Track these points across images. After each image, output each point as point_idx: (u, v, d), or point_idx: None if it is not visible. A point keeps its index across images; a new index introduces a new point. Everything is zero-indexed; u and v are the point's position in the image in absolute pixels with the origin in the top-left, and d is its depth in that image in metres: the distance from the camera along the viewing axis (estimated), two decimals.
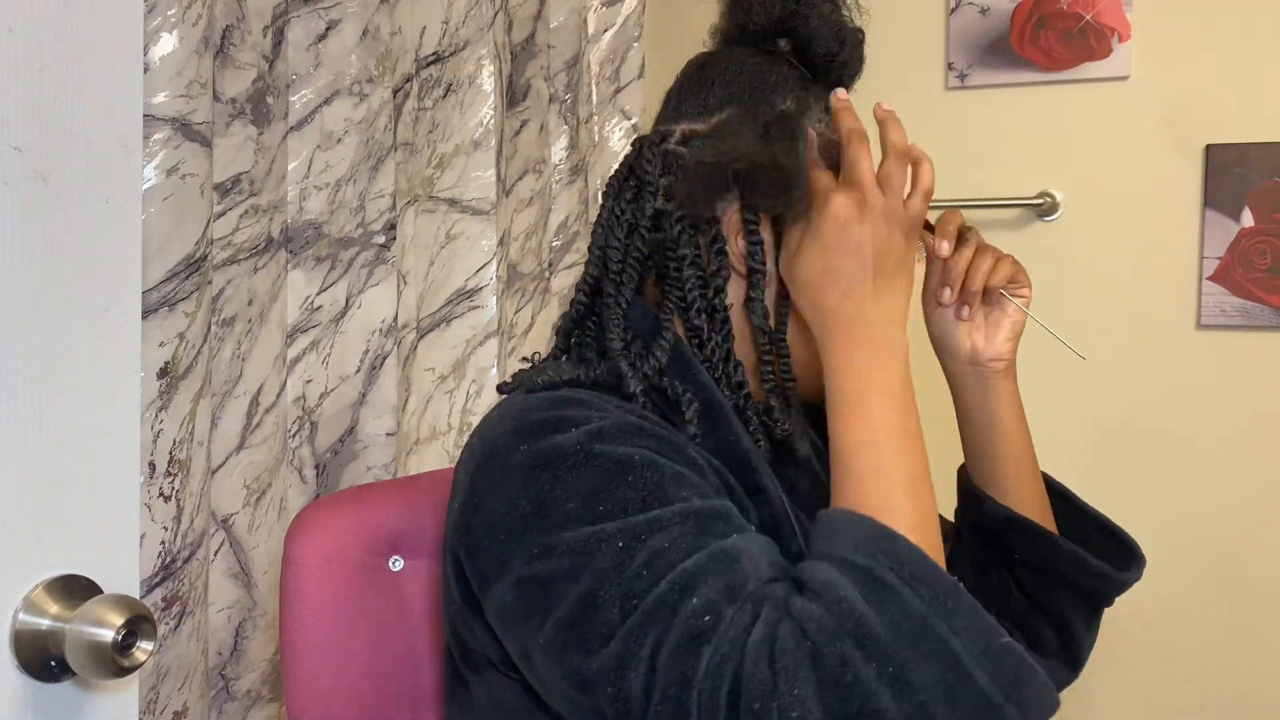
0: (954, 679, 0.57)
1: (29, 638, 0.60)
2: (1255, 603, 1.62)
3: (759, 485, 0.75)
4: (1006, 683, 0.58)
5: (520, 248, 1.45)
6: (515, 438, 0.70)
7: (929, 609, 0.59)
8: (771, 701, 0.56)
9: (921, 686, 0.56)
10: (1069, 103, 1.69)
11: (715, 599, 0.60)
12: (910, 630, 0.58)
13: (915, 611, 0.58)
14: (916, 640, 0.57)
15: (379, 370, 1.15)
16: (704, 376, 0.78)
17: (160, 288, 0.87)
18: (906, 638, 0.57)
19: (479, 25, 1.29)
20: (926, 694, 0.56)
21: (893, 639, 0.57)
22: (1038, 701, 0.59)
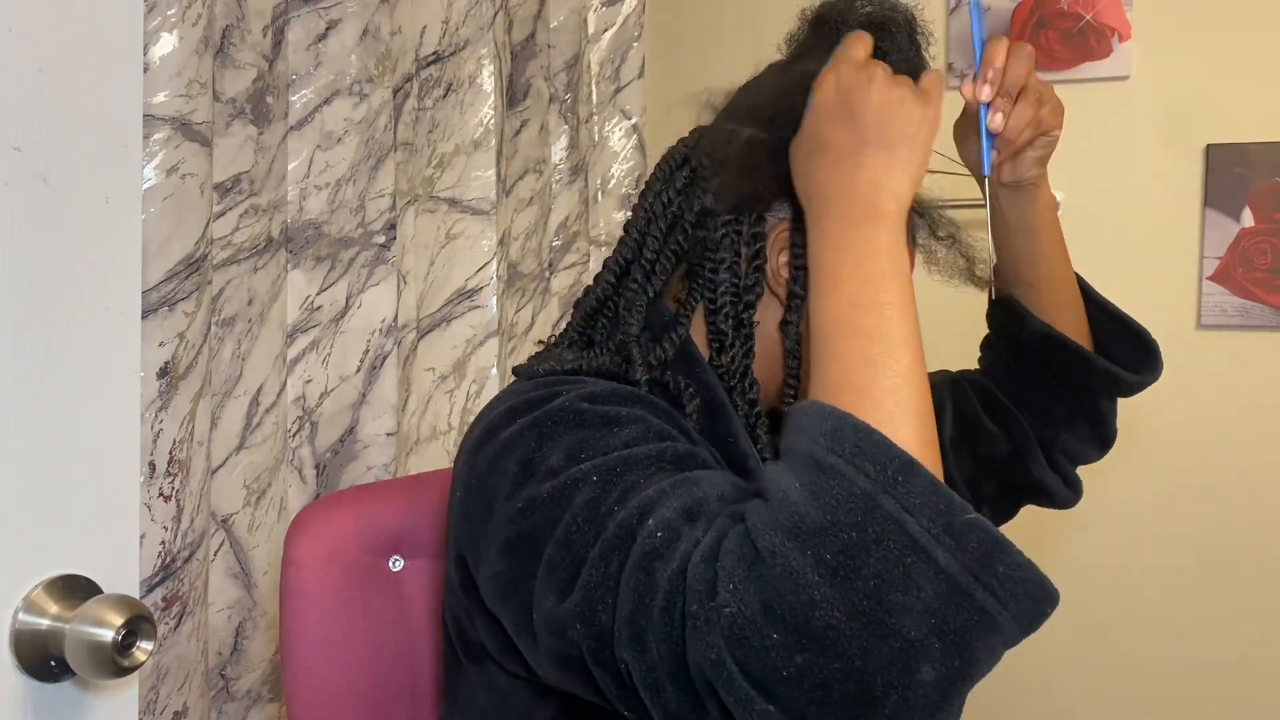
0: (911, 560, 0.52)
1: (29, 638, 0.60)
2: (1255, 602, 1.62)
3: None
4: (973, 562, 0.53)
5: (520, 247, 1.45)
6: (508, 415, 0.70)
7: (876, 486, 0.54)
8: (709, 601, 0.54)
9: (870, 572, 0.52)
10: (1069, 103, 1.68)
11: (672, 518, 0.58)
12: (853, 512, 0.53)
13: (859, 490, 0.54)
14: (862, 522, 0.53)
15: (379, 370, 1.15)
16: (710, 377, 0.77)
17: (160, 288, 0.87)
18: (848, 521, 0.53)
19: (479, 25, 1.29)
20: (877, 579, 0.52)
21: (830, 524, 0.53)
22: (1016, 582, 0.53)
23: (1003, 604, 0.53)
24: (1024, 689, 1.70)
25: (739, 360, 0.77)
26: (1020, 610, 0.54)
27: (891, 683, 0.52)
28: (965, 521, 0.54)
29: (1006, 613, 0.53)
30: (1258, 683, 1.63)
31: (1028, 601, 0.54)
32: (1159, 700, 1.65)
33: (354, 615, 0.87)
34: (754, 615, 0.53)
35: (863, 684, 0.52)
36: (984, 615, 0.53)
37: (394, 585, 0.89)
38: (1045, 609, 0.54)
